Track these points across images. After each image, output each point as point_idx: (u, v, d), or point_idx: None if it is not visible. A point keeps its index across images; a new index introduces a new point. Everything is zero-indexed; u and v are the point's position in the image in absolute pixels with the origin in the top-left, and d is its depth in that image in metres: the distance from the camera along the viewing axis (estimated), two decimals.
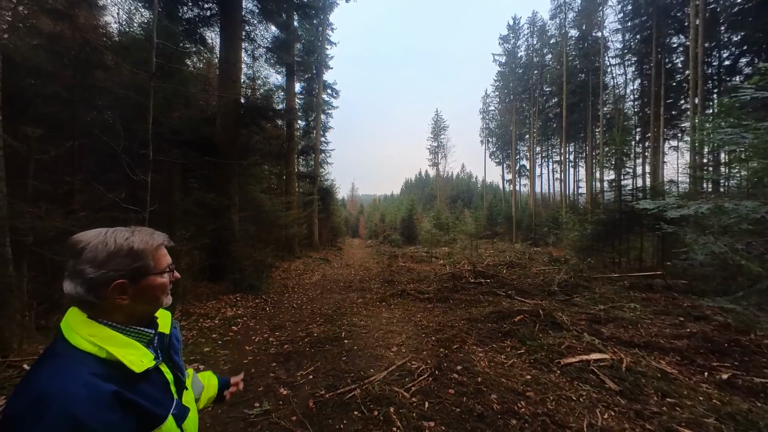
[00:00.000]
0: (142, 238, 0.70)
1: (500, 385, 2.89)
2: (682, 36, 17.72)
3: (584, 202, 22.83)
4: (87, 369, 0.59)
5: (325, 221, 19.39)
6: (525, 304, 5.46)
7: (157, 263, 0.71)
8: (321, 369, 3.31)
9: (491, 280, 7.36)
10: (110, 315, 0.67)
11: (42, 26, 5.38)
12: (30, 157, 3.81)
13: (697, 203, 3.53)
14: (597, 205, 12.22)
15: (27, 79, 4.53)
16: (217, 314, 5.16)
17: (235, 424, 2.41)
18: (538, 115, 29.14)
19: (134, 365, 0.64)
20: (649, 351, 3.62)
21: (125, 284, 0.66)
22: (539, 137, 31.54)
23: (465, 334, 4.20)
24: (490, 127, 40.21)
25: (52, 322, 3.73)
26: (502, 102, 36.05)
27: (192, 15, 8.02)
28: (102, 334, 0.64)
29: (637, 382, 2.91)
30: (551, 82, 27.63)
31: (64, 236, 4.05)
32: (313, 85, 18.17)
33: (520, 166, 34.95)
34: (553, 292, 6.31)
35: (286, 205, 11.99)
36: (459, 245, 17.61)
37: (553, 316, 4.51)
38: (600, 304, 5.38)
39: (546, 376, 3.06)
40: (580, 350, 3.56)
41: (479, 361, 3.39)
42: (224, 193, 7.12)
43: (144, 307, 0.71)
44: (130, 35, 7.11)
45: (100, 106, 5.60)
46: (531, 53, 30.01)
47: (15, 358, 2.70)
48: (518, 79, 30.85)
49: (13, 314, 2.93)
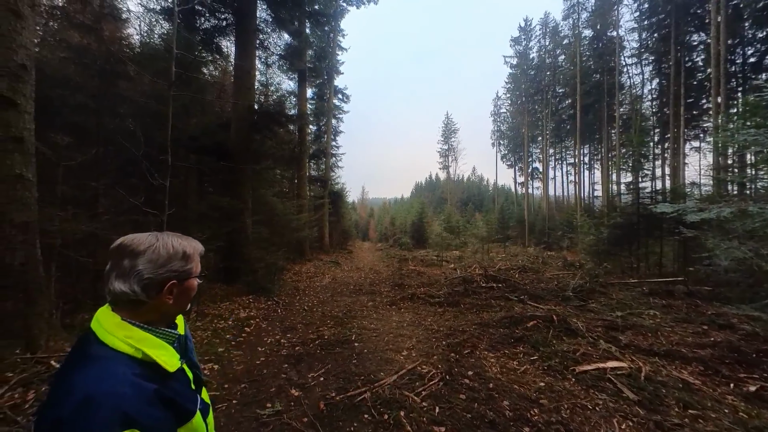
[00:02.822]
0: (189, 243, 0.77)
1: (512, 391, 2.84)
2: (703, 33, 17.14)
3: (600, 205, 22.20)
4: (129, 369, 0.62)
5: (335, 224, 19.54)
6: (538, 309, 5.35)
7: (196, 267, 0.77)
8: (331, 371, 3.34)
9: (503, 284, 7.24)
10: (149, 315, 0.71)
11: (70, 39, 5.70)
12: (59, 164, 4.02)
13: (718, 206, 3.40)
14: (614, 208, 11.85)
15: (57, 89, 4.79)
16: (231, 315, 5.27)
17: (248, 424, 2.45)
18: (551, 116, 28.67)
19: (168, 365, 0.68)
20: (670, 360, 3.48)
21: (176, 285, 0.72)
22: (552, 139, 30.99)
23: (476, 339, 4.14)
24: (501, 129, 39.79)
25: (76, 321, 3.89)
26: (513, 104, 35.67)
27: (209, 25, 8.32)
28: (137, 335, 0.67)
29: (656, 392, 2.80)
30: (564, 83, 27.17)
31: (89, 239, 4.24)
32: (324, 91, 18.46)
33: (533, 169, 34.39)
34: (567, 297, 6.16)
35: (298, 209, 12.15)
36: (470, 249, 17.42)
37: (567, 322, 4.40)
38: (617, 311, 5.21)
39: (560, 383, 2.99)
40: (596, 358, 3.46)
41: (491, 367, 3.34)
42: (238, 196, 7.29)
43: (178, 308, 0.76)
44: (151, 46, 7.43)
45: (123, 114, 5.86)
46: (543, 54, 29.64)
47: (42, 355, 2.84)
48: (530, 81, 30.47)
49: (42, 313, 3.08)
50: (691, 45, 18.04)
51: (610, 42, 22.89)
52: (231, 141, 7.47)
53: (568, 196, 34.64)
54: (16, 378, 2.47)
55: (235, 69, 8.12)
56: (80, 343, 0.68)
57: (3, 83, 2.80)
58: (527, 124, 30.99)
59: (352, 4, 16.71)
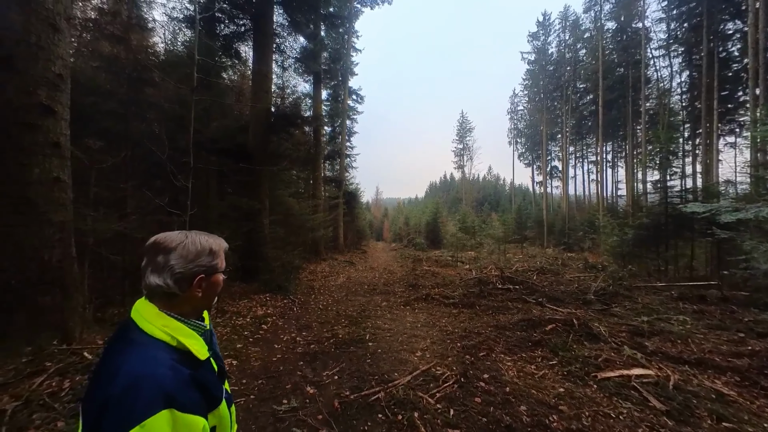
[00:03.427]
0: (215, 240, 0.82)
1: (530, 396, 2.77)
2: (739, 21, 16.04)
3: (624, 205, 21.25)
4: (167, 355, 0.68)
5: (350, 224, 19.70)
6: (557, 312, 5.18)
7: (222, 262, 0.82)
8: (346, 370, 3.37)
9: (520, 286, 7.06)
10: (181, 307, 0.76)
11: (101, 50, 6.04)
12: (91, 167, 4.26)
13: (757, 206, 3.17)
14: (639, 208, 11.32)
15: (89, 97, 5.08)
16: (249, 313, 5.41)
17: (265, 419, 2.51)
18: (571, 113, 27.70)
19: (200, 354, 0.73)
20: (702, 369, 3.29)
21: (204, 279, 0.76)
22: (573, 136, 29.93)
23: (492, 342, 4.06)
24: (518, 127, 38.86)
25: (106, 315, 4.12)
26: (531, 101, 34.73)
27: (228, 31, 8.59)
28: (172, 325, 0.73)
29: (687, 402, 2.65)
30: (586, 78, 26.18)
31: (118, 238, 4.48)
32: (339, 92, 18.65)
33: (552, 167, 33.35)
34: (589, 300, 5.93)
35: (313, 209, 12.35)
36: (486, 250, 17.10)
37: (589, 327, 4.24)
38: (643, 315, 4.97)
39: (581, 389, 2.89)
40: (619, 364, 3.32)
41: (507, 371, 3.27)
42: (256, 197, 7.50)
43: (206, 301, 0.81)
44: (175, 53, 7.75)
45: (149, 119, 6.14)
46: (563, 49, 28.70)
47: (77, 346, 3.02)
48: (549, 77, 29.58)
49: (76, 307, 3.28)
50: (725, 34, 16.93)
51: (635, 34, 21.85)
52: (249, 143, 7.68)
53: (590, 196, 33.35)
54: (54, 367, 2.64)
55: (252, 73, 8.35)
56: (121, 330, 0.73)
57: (42, 92, 3.01)
58: (546, 121, 30.09)
59: (366, 5, 16.81)
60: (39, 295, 2.97)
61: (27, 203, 2.94)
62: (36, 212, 2.99)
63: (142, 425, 0.57)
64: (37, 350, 2.81)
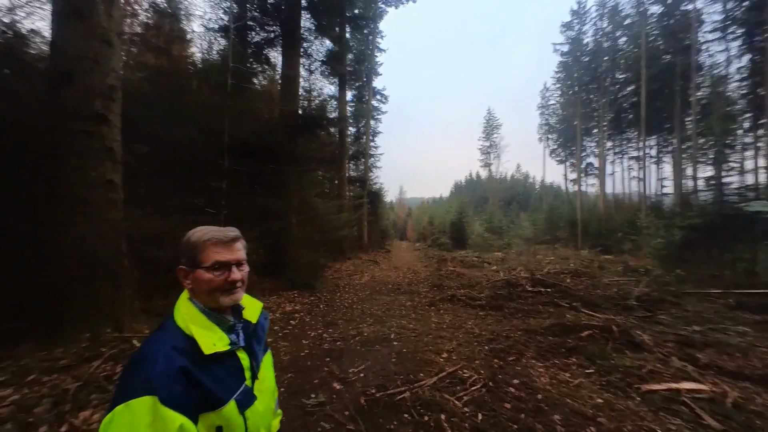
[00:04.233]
0: (201, 233, 0.77)
1: (564, 405, 2.62)
2: None
3: (671, 204, 19.54)
4: (172, 342, 0.68)
5: (373, 224, 19.84)
6: (594, 318, 4.87)
7: (204, 258, 0.74)
8: (371, 368, 3.39)
9: (552, 289, 6.72)
10: (195, 297, 0.77)
11: (147, 61, 6.55)
12: (138, 170, 4.63)
13: None
14: (689, 207, 10.33)
15: (136, 105, 5.52)
16: (278, 308, 5.62)
17: (294, 411, 2.59)
18: (609, 106, 25.90)
19: (204, 347, 0.69)
20: (767, 386, 2.93)
21: (186, 270, 0.76)
22: (611, 131, 27.97)
23: (522, 346, 3.90)
24: (550, 122, 37.03)
25: (151, 307, 4.45)
26: (564, 95, 32.94)
27: (259, 38, 8.97)
28: (192, 313, 0.74)
29: (748, 422, 2.38)
30: (626, 67, 24.35)
31: (161, 235, 4.82)
32: (363, 92, 18.84)
33: (587, 164, 31.41)
34: (630, 306, 5.51)
35: (338, 208, 12.57)
36: (514, 251, 16.49)
37: (630, 335, 3.94)
38: (694, 325, 4.53)
39: (622, 401, 2.68)
40: (667, 377, 3.04)
41: (539, 377, 3.12)
42: (284, 197, 7.76)
43: (203, 297, 0.76)
44: (210, 61, 8.22)
45: (187, 124, 6.57)
46: (600, 38, 26.89)
47: (127, 334, 3.30)
48: (584, 68, 27.86)
49: (126, 299, 3.58)
50: None
51: (684, 17, 19.98)
52: (277, 145, 7.96)
53: (630, 194, 31.01)
54: (108, 353, 2.90)
55: (281, 77, 8.65)
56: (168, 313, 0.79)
57: (98, 102, 3.31)
58: (580, 115, 28.37)
59: (390, 5, 16.81)
60: (95, 287, 3.27)
61: (85, 203, 3.26)
62: (92, 211, 3.29)
63: (127, 404, 0.59)
64: (94, 337, 3.10)
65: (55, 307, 3.13)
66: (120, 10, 3.81)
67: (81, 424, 2.11)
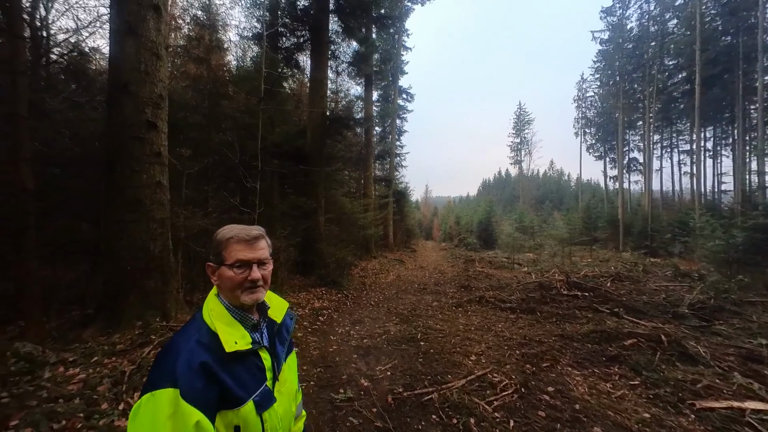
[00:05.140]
0: (226, 231, 0.79)
1: (606, 417, 2.45)
2: None
3: (731, 202, 17.55)
4: (197, 336, 0.70)
5: (399, 223, 19.82)
6: (639, 325, 4.51)
7: (226, 256, 0.76)
8: (398, 367, 3.39)
9: (590, 293, 6.31)
10: (221, 293, 0.79)
11: (189, 71, 7.04)
12: (183, 172, 5.00)
13: None
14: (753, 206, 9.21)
15: (180, 112, 5.97)
16: (307, 304, 5.80)
17: (324, 405, 2.67)
18: (656, 95, 23.75)
19: (226, 344, 0.70)
20: None
21: (213, 267, 0.78)
22: (658, 123, 25.65)
23: (557, 352, 3.71)
24: (587, 116, 34.69)
25: (194, 299, 4.79)
26: (604, 85, 30.66)
27: (289, 44, 9.30)
28: (218, 309, 0.76)
29: None
30: (677, 53, 22.15)
31: (202, 232, 5.18)
32: (389, 92, 18.85)
33: (630, 160, 29.05)
34: (681, 314, 5.04)
35: (364, 208, 12.70)
36: (547, 252, 15.69)
37: (682, 345, 3.61)
38: (760, 337, 4.04)
39: (673, 417, 2.46)
40: (727, 393, 2.75)
41: (577, 386, 2.95)
42: (313, 196, 7.99)
43: (227, 294, 0.77)
44: (244, 68, 8.66)
45: (225, 128, 6.99)
46: (646, 22, 24.72)
47: (173, 324, 3.58)
48: (627, 56, 25.75)
49: (172, 291, 3.88)
50: None
51: None
52: (307, 146, 8.21)
53: (681, 191, 28.23)
54: (157, 340, 3.16)
55: (310, 80, 8.91)
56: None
57: (149, 111, 3.61)
58: (623, 107, 26.28)
59: (416, 2, 16.66)
60: (146, 280, 3.59)
61: (138, 203, 3.57)
62: (144, 211, 3.61)
63: (153, 393, 0.62)
64: (145, 325, 3.40)
65: (114, 297, 3.48)
66: (167, 25, 4.12)
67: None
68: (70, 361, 2.74)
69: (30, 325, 3.20)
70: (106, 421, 2.11)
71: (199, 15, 7.87)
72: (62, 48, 5.89)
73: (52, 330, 3.36)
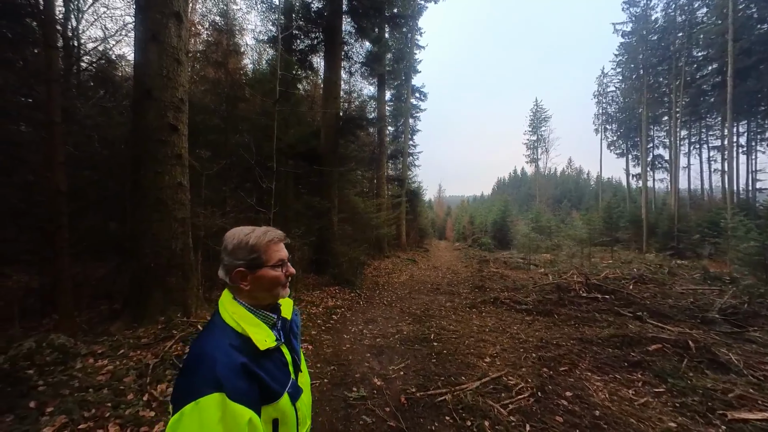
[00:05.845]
0: (258, 235, 0.81)
1: (628, 425, 2.36)
2: None
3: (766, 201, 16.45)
4: (228, 340, 0.72)
5: (412, 222, 19.74)
6: (664, 330, 4.31)
7: (269, 257, 0.80)
8: (411, 367, 3.39)
9: (611, 296, 6.09)
10: (244, 297, 0.80)
11: (208, 75, 7.26)
12: (202, 173, 5.17)
13: None
14: None
15: (199, 115, 6.16)
16: (321, 303, 5.88)
17: (337, 403, 2.70)
18: (683, 89, 22.57)
19: (259, 343, 0.74)
20: None
21: (245, 272, 0.78)
22: (686, 117, 24.37)
23: (576, 356, 3.60)
24: (608, 111, 33.39)
25: (213, 296, 4.95)
26: (626, 80, 29.43)
27: (303, 46, 9.43)
28: (240, 312, 0.78)
29: None
30: (707, 43, 20.99)
31: (221, 231, 5.33)
32: (402, 91, 18.80)
33: (655, 157, 27.78)
34: (711, 320, 4.78)
35: (377, 207, 12.73)
36: (565, 252, 15.23)
37: (712, 352, 3.42)
38: None
39: (702, 428, 2.34)
40: (762, 405, 2.59)
41: (597, 392, 2.85)
42: (326, 196, 8.08)
43: (262, 295, 0.81)
44: (260, 71, 8.86)
45: (241, 130, 7.17)
46: (672, 12, 23.53)
47: (193, 320, 3.71)
48: (652, 48, 24.60)
49: (193, 288, 4.03)
50: None
51: None
52: (321, 146, 8.31)
53: (711, 190, 26.74)
54: (179, 335, 3.29)
55: (323, 81, 9.01)
56: (213, 312, 0.84)
57: (170, 114, 3.76)
58: (647, 102, 25.11)
59: (429, 0, 16.51)
60: (168, 277, 3.73)
61: (160, 203, 3.72)
62: (166, 210, 3.75)
63: (197, 402, 0.61)
64: (167, 320, 3.55)
65: (138, 293, 3.64)
66: (187, 31, 4.27)
67: (159, 395, 2.43)
68: (99, 353, 2.89)
69: (63, 319, 3.40)
70: (131, 411, 2.22)
71: (218, 20, 8.11)
72: (91, 56, 6.21)
73: (82, 323, 3.56)
